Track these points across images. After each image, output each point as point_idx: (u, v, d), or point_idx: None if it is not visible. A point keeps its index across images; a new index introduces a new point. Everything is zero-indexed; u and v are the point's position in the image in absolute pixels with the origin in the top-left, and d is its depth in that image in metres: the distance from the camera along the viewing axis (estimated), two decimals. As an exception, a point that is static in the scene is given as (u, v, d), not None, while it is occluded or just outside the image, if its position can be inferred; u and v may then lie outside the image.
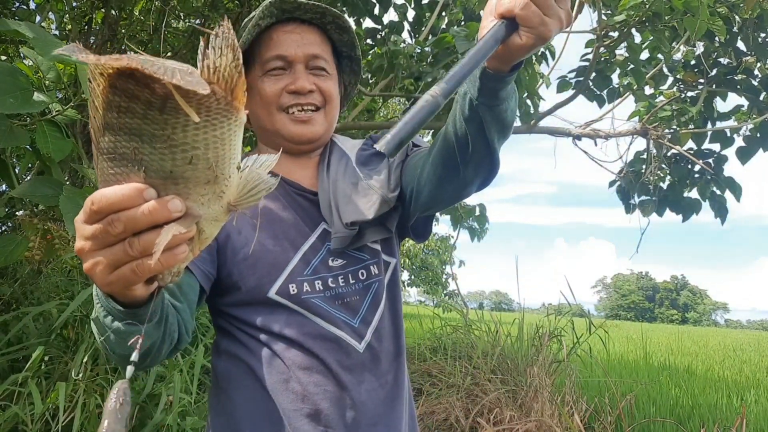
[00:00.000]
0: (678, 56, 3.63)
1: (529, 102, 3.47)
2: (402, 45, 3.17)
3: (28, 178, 1.86)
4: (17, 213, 2.25)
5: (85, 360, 2.12)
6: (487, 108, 0.73)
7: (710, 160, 3.58)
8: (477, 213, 4.59)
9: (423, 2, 3.79)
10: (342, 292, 0.92)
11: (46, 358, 2.22)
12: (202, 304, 0.90)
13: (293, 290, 0.88)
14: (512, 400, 3.58)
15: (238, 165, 0.49)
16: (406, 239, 1.11)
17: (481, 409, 3.49)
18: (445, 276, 15.53)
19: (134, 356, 0.51)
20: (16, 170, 1.88)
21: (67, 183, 2.48)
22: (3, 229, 2.61)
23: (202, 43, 0.42)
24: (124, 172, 0.45)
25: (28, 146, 1.33)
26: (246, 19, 0.94)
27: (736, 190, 3.53)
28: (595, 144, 3.65)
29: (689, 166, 3.73)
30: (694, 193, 3.73)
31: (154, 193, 0.44)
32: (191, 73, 0.41)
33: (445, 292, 15.30)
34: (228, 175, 0.47)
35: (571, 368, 4.03)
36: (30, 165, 2.12)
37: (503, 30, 0.62)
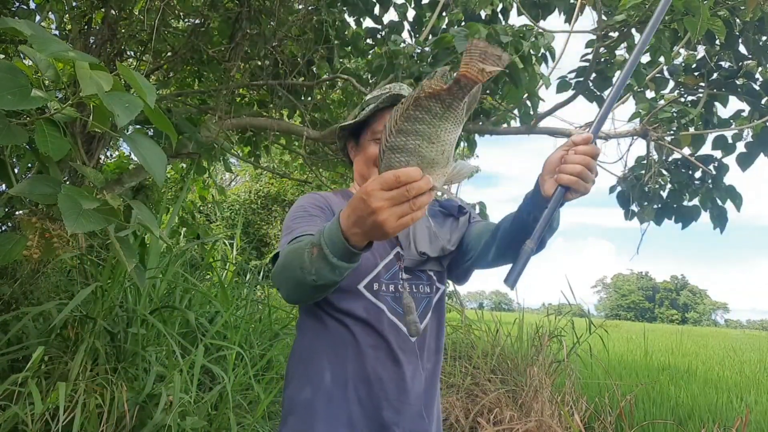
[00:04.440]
0: (679, 60, 3.61)
1: (529, 102, 3.46)
2: (402, 45, 3.17)
3: (28, 176, 1.85)
4: (16, 212, 2.25)
5: (84, 360, 2.12)
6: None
7: (710, 166, 3.54)
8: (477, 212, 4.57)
9: (423, 2, 3.79)
10: None
11: (46, 358, 2.22)
12: None
13: (375, 287, 1.21)
14: (512, 400, 3.58)
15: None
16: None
17: (481, 409, 3.49)
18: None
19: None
20: (16, 169, 1.87)
21: (66, 182, 2.48)
22: (2, 228, 2.61)
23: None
24: (407, 160, 0.79)
25: (27, 145, 1.33)
26: (368, 97, 1.36)
27: (737, 200, 3.47)
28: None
29: (689, 172, 3.70)
30: (694, 201, 3.70)
31: (421, 173, 0.76)
32: (500, 57, 0.75)
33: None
34: (451, 164, 0.81)
35: (571, 368, 4.04)
36: (29, 164, 2.12)
37: (563, 192, 0.94)
